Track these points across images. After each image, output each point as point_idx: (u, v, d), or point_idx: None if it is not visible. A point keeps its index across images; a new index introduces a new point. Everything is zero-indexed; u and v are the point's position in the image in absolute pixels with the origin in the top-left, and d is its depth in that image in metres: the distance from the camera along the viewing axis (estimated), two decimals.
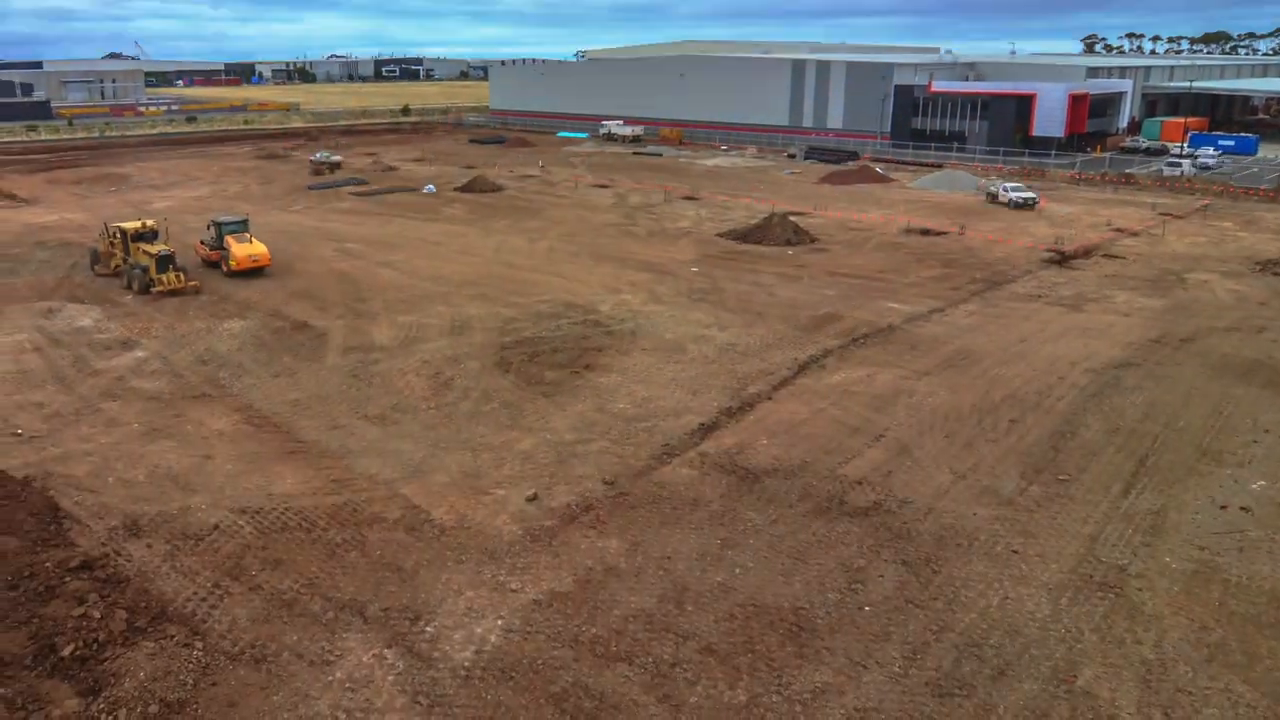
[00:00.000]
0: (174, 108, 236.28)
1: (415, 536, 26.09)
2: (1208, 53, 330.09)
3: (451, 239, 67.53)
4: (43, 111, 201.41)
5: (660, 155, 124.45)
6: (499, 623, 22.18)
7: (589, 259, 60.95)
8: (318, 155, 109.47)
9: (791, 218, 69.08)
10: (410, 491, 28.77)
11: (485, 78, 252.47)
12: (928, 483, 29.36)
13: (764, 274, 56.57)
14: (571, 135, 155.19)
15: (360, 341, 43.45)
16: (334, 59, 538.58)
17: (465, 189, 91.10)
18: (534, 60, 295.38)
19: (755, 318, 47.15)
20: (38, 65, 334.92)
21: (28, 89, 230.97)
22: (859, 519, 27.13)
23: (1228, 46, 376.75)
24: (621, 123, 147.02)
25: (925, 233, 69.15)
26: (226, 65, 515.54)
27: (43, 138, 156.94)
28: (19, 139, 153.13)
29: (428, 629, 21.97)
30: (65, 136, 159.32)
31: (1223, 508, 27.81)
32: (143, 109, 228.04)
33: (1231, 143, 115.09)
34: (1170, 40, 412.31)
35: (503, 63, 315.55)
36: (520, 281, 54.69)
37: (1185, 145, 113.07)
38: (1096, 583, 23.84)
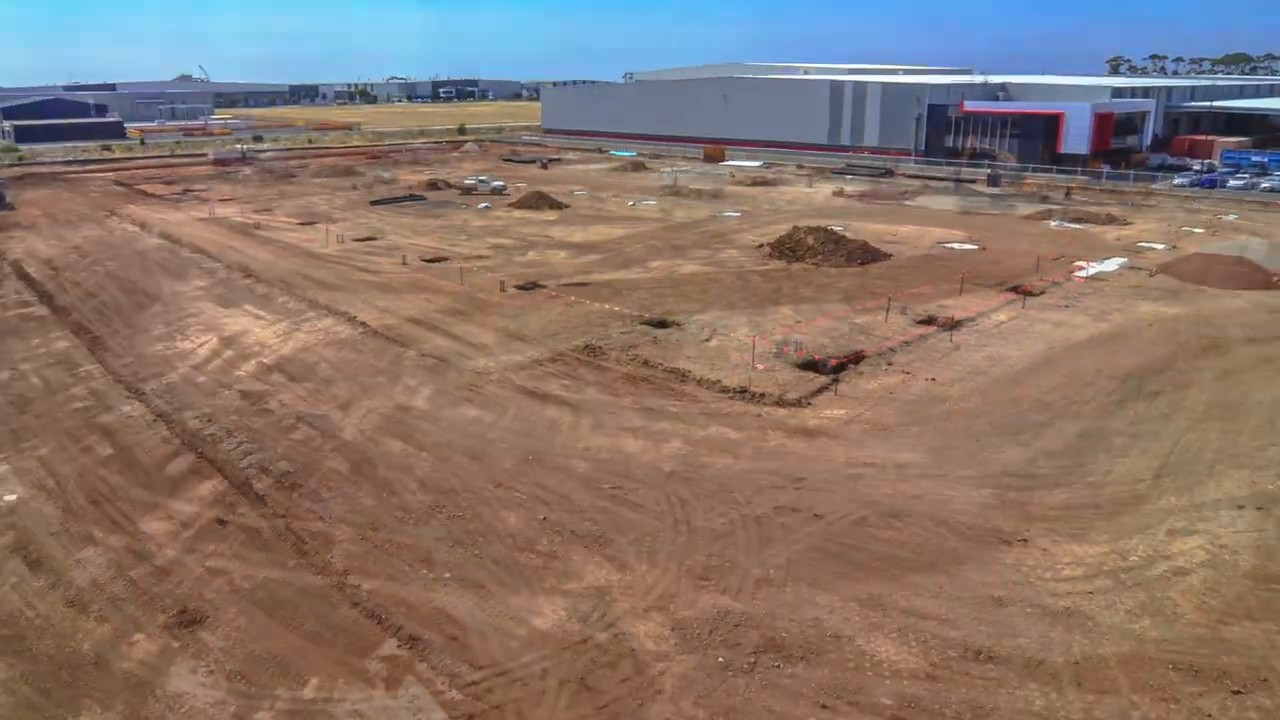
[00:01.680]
0: (241, 127, 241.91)
1: None
2: (1227, 73, 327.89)
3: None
4: (116, 131, 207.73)
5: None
6: None
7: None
8: (384, 173, 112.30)
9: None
10: None
11: (538, 98, 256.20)
12: None
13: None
14: (621, 154, 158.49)
15: None
16: (393, 80, 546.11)
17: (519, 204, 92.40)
18: (584, 82, 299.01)
19: None
20: (111, 87, 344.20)
21: (102, 110, 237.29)
22: None
23: (1248, 67, 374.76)
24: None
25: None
26: (291, 87, 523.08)
27: (115, 155, 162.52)
28: (94, 156, 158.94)
29: None
30: (138, 155, 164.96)
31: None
32: (211, 129, 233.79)
33: (1264, 159, 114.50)
34: (1193, 61, 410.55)
35: (554, 84, 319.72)
36: None
37: (1215, 162, 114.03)
38: None
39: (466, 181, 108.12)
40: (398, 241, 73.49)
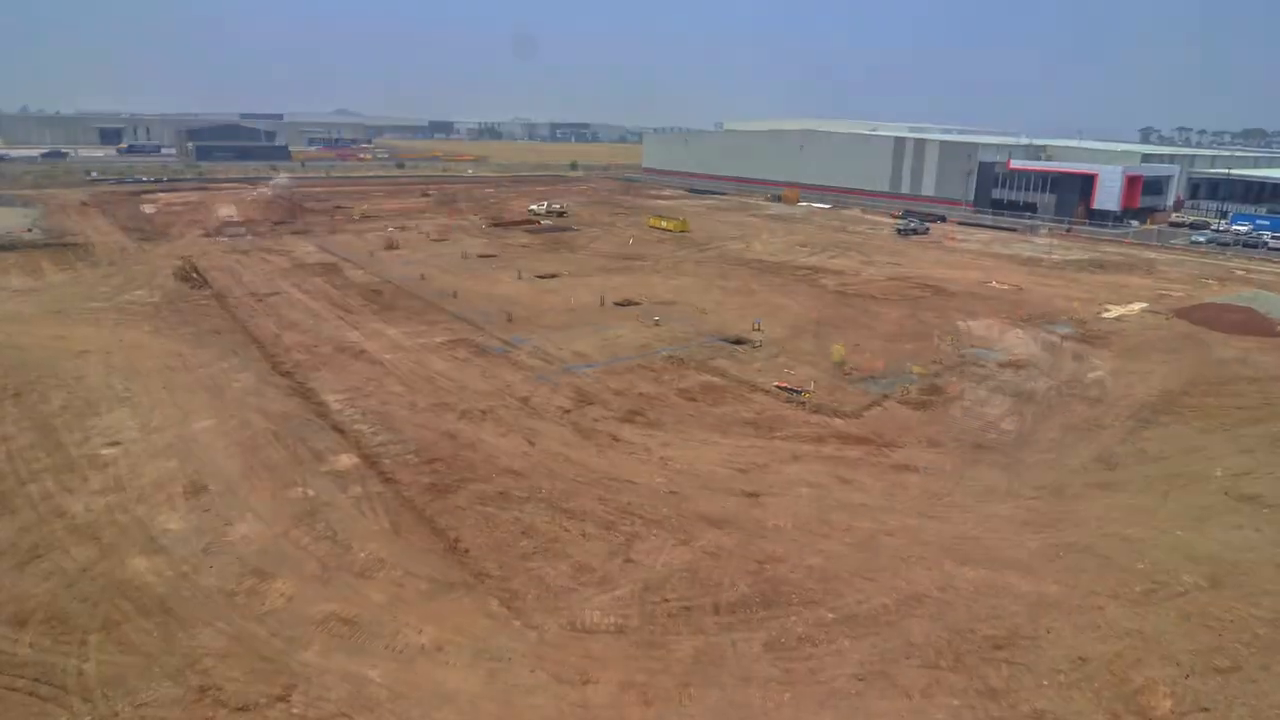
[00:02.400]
0: (386, 155, 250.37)
1: None
2: (1245, 145, 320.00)
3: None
4: (282, 154, 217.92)
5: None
6: None
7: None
8: (537, 206, 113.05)
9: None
10: None
11: (641, 141, 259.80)
12: None
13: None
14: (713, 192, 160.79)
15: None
16: (517, 120, 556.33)
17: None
18: (681, 129, 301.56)
19: None
20: (279, 117, 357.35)
21: (270, 136, 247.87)
22: None
23: (1263, 141, 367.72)
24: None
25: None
26: (430, 122, 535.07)
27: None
28: (263, 175, 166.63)
29: None
30: (300, 175, 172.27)
31: None
32: (362, 156, 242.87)
33: (1267, 221, 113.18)
34: (1215, 134, 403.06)
35: (655, 130, 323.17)
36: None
37: (1227, 221, 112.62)
38: None
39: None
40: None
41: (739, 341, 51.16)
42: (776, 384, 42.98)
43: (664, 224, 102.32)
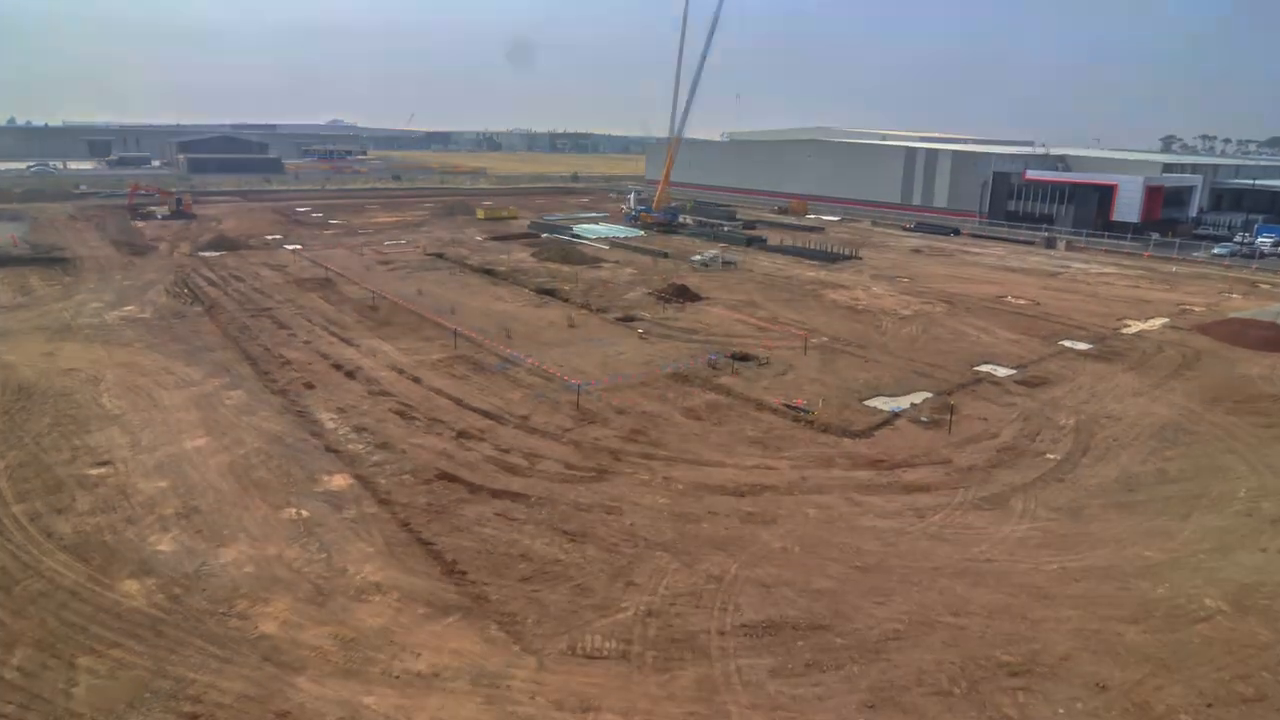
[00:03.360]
0: (382, 167, 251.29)
1: None
2: (1272, 154, 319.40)
3: None
4: (275, 167, 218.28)
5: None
6: None
7: None
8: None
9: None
10: None
11: (644, 152, 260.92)
12: None
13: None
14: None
15: None
16: (516, 131, 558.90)
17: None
18: (686, 139, 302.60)
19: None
20: (272, 128, 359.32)
21: (263, 148, 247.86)
22: None
23: None
24: None
25: None
26: (427, 133, 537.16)
27: (274, 188, 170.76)
28: (256, 188, 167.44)
29: None
30: (294, 188, 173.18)
31: None
32: (357, 168, 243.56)
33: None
34: (1240, 143, 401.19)
35: (658, 140, 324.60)
36: None
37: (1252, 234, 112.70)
38: None
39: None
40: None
41: (745, 358, 51.32)
42: (784, 402, 43.12)
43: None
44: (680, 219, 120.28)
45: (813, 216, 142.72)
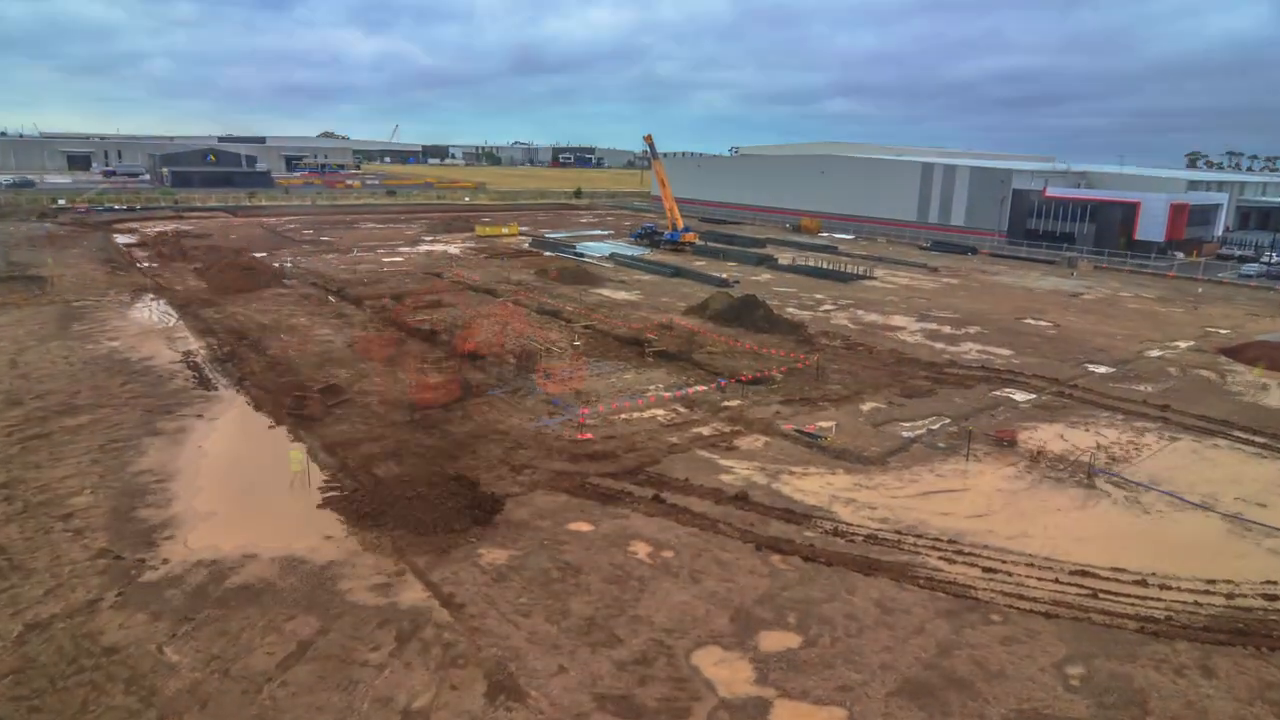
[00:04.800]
0: (376, 182, 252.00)
1: None
2: None
3: None
4: (264, 181, 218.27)
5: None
6: None
7: None
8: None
9: None
10: None
11: (650, 167, 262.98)
12: None
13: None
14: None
15: None
16: (517, 145, 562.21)
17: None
18: (693, 154, 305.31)
19: None
20: (261, 140, 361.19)
21: (252, 161, 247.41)
22: None
23: None
24: None
25: None
26: (424, 146, 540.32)
27: (262, 203, 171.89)
28: (243, 204, 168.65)
29: None
30: (283, 203, 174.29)
31: None
32: (350, 183, 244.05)
33: None
34: (1268, 159, 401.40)
35: (664, 155, 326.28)
36: None
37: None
38: None
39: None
40: None
41: (755, 381, 51.66)
42: (796, 428, 43.38)
43: None
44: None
45: (825, 235, 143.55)
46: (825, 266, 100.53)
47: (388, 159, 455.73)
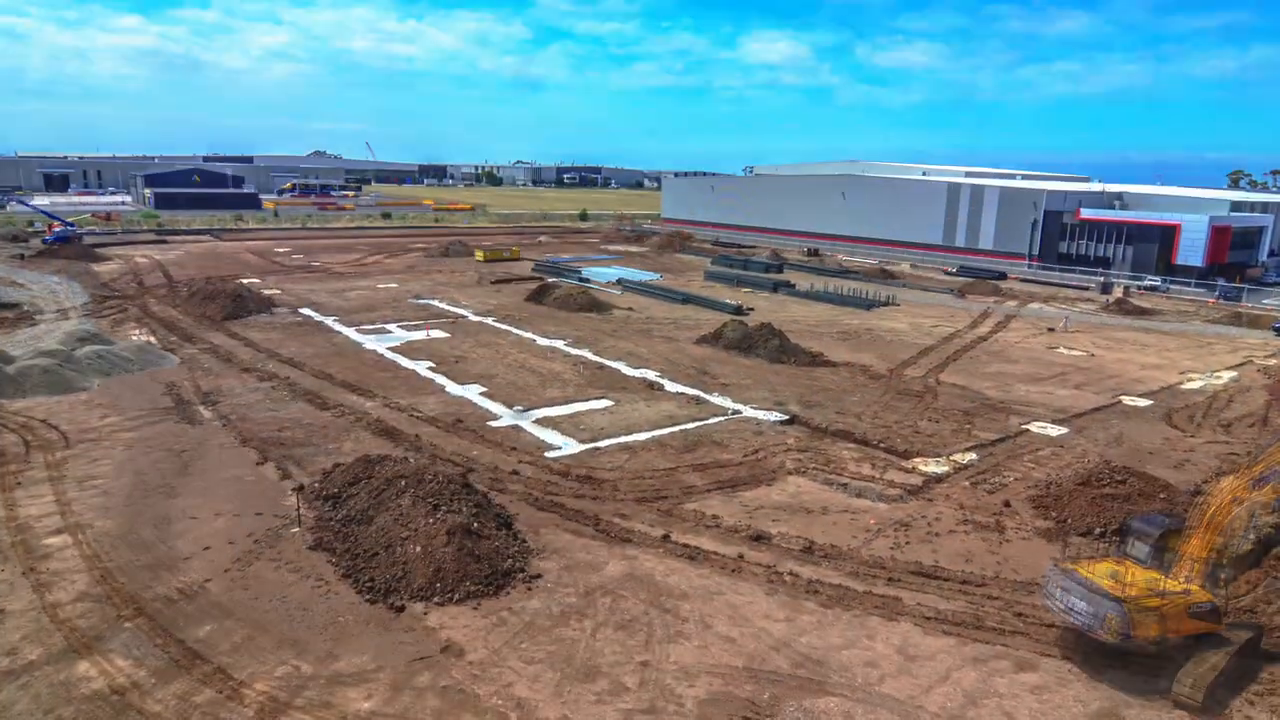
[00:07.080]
0: (370, 203, 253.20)
1: None
2: None
3: None
4: (251, 202, 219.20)
5: None
6: None
7: None
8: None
9: None
10: None
11: (659, 187, 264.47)
12: None
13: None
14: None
15: None
16: (519, 165, 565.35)
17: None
18: (705, 174, 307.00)
19: None
20: (248, 159, 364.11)
21: (238, 181, 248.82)
22: None
23: None
24: None
25: None
26: (420, 167, 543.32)
27: (250, 226, 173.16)
28: (229, 226, 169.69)
29: None
30: (271, 226, 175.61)
31: None
32: (342, 204, 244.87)
33: None
34: None
35: (675, 174, 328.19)
36: None
37: None
38: None
39: None
40: None
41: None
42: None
43: None
44: None
45: (845, 258, 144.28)
46: (845, 292, 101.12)
47: (381, 179, 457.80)
